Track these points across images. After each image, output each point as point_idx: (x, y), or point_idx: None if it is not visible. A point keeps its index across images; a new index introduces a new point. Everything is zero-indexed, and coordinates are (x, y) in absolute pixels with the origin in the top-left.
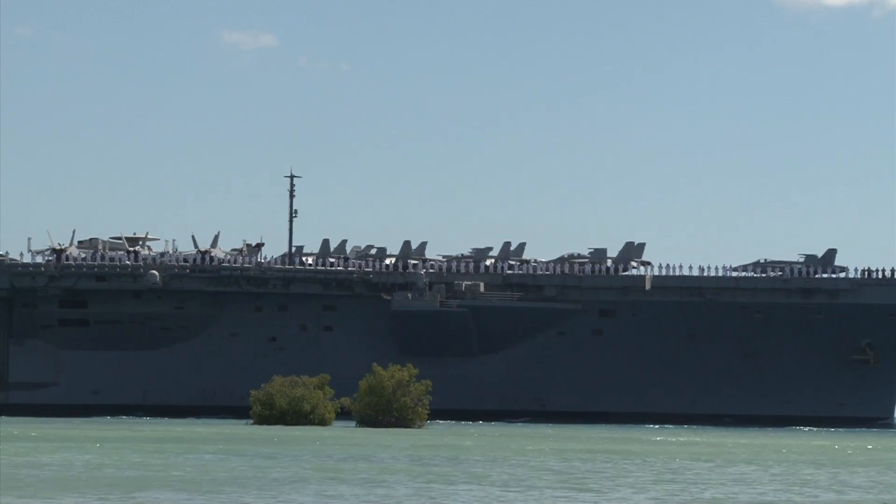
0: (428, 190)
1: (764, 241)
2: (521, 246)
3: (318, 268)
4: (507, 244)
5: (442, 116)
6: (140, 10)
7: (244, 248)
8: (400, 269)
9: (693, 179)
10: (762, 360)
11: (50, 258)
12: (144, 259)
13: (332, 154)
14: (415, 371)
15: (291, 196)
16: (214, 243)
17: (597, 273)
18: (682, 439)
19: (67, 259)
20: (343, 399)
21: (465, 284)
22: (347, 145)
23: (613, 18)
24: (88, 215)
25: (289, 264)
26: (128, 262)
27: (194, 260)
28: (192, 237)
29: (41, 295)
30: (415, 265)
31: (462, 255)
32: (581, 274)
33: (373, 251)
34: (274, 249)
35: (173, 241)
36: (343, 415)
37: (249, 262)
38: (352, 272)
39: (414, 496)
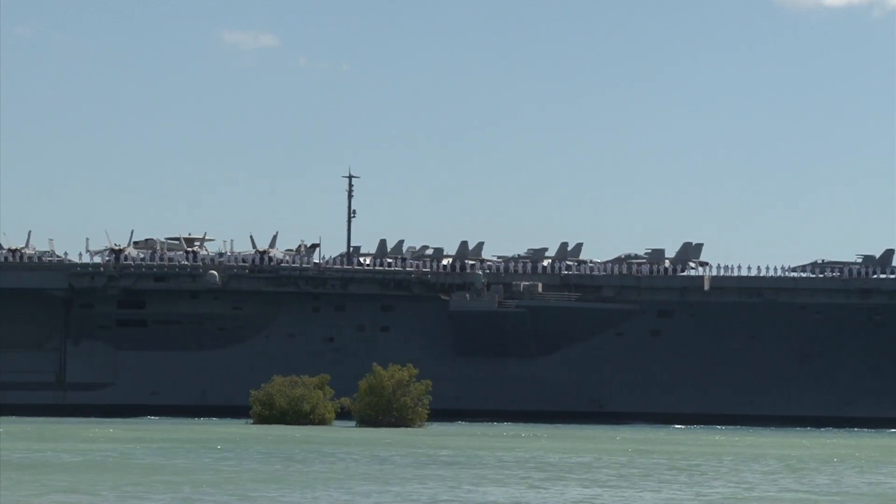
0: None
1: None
2: (578, 246)
3: (377, 268)
4: (564, 244)
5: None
6: (140, 10)
7: (301, 248)
8: (457, 270)
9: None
10: (821, 360)
11: (108, 258)
12: (203, 259)
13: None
14: (415, 371)
15: (350, 196)
16: (273, 243)
17: (655, 273)
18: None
19: (126, 259)
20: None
21: (524, 285)
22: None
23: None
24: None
25: (347, 264)
26: (186, 263)
27: (253, 260)
28: (251, 237)
29: (100, 295)
30: (472, 265)
31: (518, 255)
32: (639, 274)
33: (429, 251)
34: (328, 250)
35: (231, 241)
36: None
37: (306, 263)
38: (410, 272)
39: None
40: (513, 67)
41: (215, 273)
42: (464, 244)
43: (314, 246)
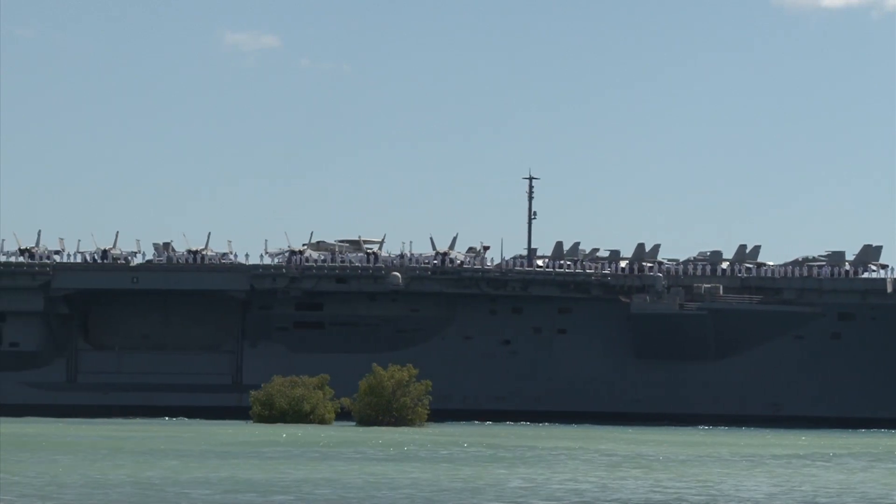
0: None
1: None
2: (756, 248)
3: (557, 270)
4: (743, 247)
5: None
6: (141, 11)
7: (480, 250)
8: (635, 272)
9: None
10: None
11: (286, 260)
12: (384, 261)
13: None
14: (414, 371)
15: (530, 198)
16: (453, 245)
17: (835, 276)
18: None
19: (307, 261)
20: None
21: (705, 287)
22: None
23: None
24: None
25: (527, 266)
26: (368, 265)
27: (433, 262)
28: (431, 239)
29: (281, 297)
30: (650, 268)
31: (693, 257)
32: (820, 276)
33: (604, 253)
34: (495, 252)
35: (410, 242)
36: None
37: (487, 265)
38: (590, 274)
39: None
40: (513, 68)
41: (398, 275)
42: (640, 246)
43: (485, 248)
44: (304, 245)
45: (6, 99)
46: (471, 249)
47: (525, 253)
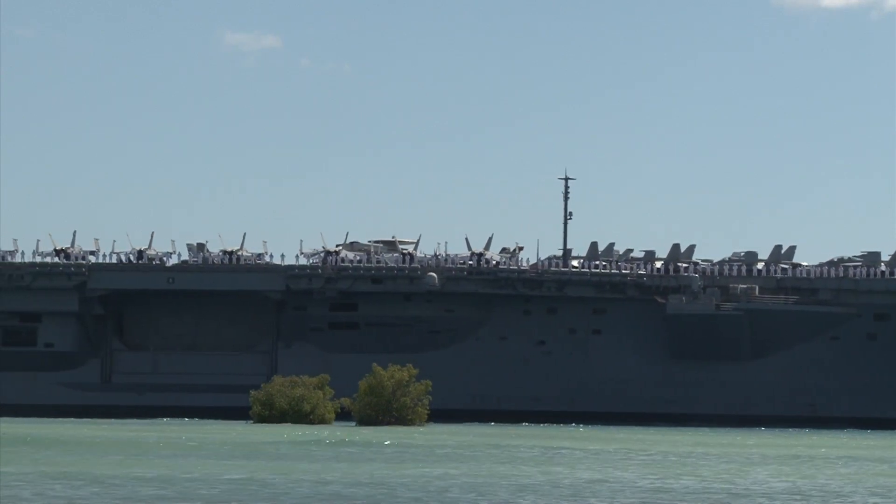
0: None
1: None
2: (792, 249)
3: (592, 270)
4: (778, 247)
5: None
6: (142, 12)
7: (516, 250)
8: (670, 272)
9: None
10: None
11: (321, 261)
12: (420, 262)
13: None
14: (414, 371)
15: (566, 198)
16: (488, 246)
17: (871, 276)
18: None
19: (343, 261)
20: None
21: (741, 287)
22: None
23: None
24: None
25: (563, 266)
26: (404, 265)
27: (468, 262)
28: (466, 239)
29: (317, 297)
30: (685, 268)
31: (728, 258)
32: (856, 277)
33: (638, 254)
34: (527, 253)
35: (445, 243)
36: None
37: (524, 265)
38: (626, 275)
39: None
40: (512, 68)
41: (434, 275)
42: (675, 247)
43: (518, 249)
44: (338, 245)
45: (12, 99)
46: (504, 250)
47: (558, 253)
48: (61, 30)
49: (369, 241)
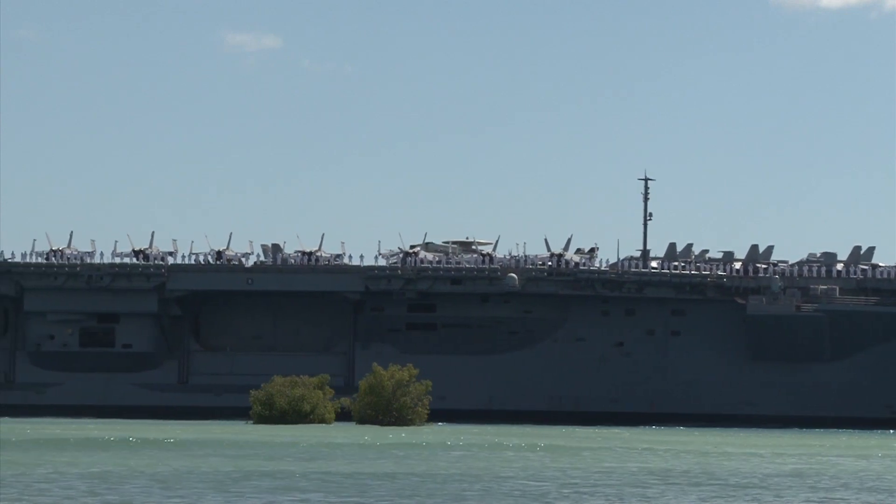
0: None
1: None
2: (871, 250)
3: (672, 271)
4: (858, 248)
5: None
6: (142, 12)
7: (596, 249)
8: (750, 273)
9: None
10: None
11: (399, 261)
12: (499, 262)
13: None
14: (415, 371)
15: (646, 199)
16: (567, 246)
17: None
18: None
19: (421, 262)
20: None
21: (821, 289)
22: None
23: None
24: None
25: (642, 267)
26: (484, 266)
27: (548, 263)
28: (545, 240)
29: (396, 298)
30: (764, 269)
31: (805, 259)
32: None
33: (716, 255)
34: (603, 254)
35: (524, 243)
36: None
37: (603, 266)
38: (705, 275)
39: None
40: (513, 68)
41: (515, 276)
42: (754, 247)
43: (592, 250)
44: (413, 247)
45: (15, 100)
46: (578, 250)
47: (635, 254)
48: (61, 30)
49: (445, 242)
